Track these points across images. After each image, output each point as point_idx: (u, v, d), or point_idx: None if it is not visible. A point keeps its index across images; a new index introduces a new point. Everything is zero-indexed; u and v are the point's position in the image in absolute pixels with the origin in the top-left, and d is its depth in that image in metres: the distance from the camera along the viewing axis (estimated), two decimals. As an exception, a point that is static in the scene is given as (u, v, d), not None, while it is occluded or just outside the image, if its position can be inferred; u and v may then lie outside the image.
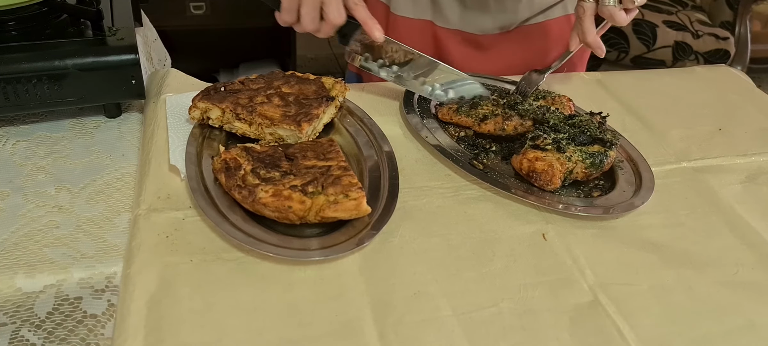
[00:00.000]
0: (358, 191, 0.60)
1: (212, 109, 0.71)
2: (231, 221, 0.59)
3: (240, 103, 0.71)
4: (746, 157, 0.83)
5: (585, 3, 0.80)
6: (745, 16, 2.29)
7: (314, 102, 0.73)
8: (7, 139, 0.73)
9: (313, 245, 0.58)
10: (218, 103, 0.71)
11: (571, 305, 0.57)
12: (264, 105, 0.71)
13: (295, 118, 0.70)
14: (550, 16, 1.03)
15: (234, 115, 0.70)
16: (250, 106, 0.71)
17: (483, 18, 1.01)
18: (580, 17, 0.81)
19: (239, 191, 0.60)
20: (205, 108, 0.71)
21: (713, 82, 1.04)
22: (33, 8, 0.75)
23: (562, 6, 1.03)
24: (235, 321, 0.51)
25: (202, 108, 0.71)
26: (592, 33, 0.81)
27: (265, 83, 0.76)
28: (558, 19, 1.04)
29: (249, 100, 0.72)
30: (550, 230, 0.65)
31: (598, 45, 0.82)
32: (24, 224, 0.60)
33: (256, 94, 0.73)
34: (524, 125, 0.77)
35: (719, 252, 0.65)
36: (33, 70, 0.69)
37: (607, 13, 0.79)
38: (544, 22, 1.03)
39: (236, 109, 0.70)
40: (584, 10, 0.80)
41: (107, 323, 0.58)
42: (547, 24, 1.03)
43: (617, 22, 0.79)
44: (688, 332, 0.55)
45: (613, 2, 0.78)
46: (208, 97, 0.71)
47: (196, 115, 0.71)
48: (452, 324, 0.53)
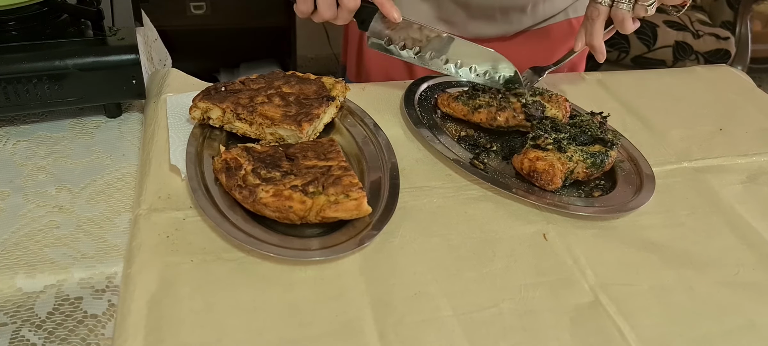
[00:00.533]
0: (358, 191, 0.60)
1: (213, 109, 0.71)
2: (231, 221, 0.59)
3: (240, 103, 0.71)
4: (747, 158, 0.83)
5: (600, 5, 0.79)
6: (746, 16, 2.29)
7: (315, 102, 0.73)
8: (7, 139, 0.73)
9: (314, 245, 0.58)
10: (219, 103, 0.71)
11: (572, 305, 0.57)
12: (264, 105, 0.71)
13: (296, 118, 0.70)
14: (552, 21, 1.04)
15: (234, 115, 0.70)
16: (251, 106, 0.71)
17: (487, 26, 1.02)
18: (593, 19, 0.81)
19: (240, 191, 0.60)
20: (205, 108, 0.71)
21: (714, 82, 1.04)
22: (33, 8, 0.75)
23: (564, 12, 1.04)
24: (236, 321, 0.51)
25: (202, 108, 0.71)
26: (599, 37, 0.81)
27: (265, 83, 0.76)
28: (560, 23, 1.04)
29: (249, 100, 0.72)
30: (550, 230, 0.65)
31: (602, 50, 0.82)
32: (24, 224, 0.60)
33: (256, 94, 0.73)
34: (516, 118, 0.77)
35: (720, 252, 0.65)
36: (33, 70, 0.69)
37: (619, 16, 0.78)
38: (547, 27, 1.04)
39: (237, 109, 0.70)
40: (598, 13, 0.80)
41: (108, 323, 0.58)
42: (549, 28, 1.04)
43: (625, 29, 0.79)
44: (689, 332, 0.55)
45: (627, 7, 0.77)
46: (208, 97, 0.71)
47: (196, 115, 0.71)
48: (452, 324, 0.53)
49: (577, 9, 1.05)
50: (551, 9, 1.03)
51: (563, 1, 1.04)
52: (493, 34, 1.02)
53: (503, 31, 1.02)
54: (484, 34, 1.03)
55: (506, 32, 1.02)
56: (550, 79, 0.97)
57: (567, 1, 1.04)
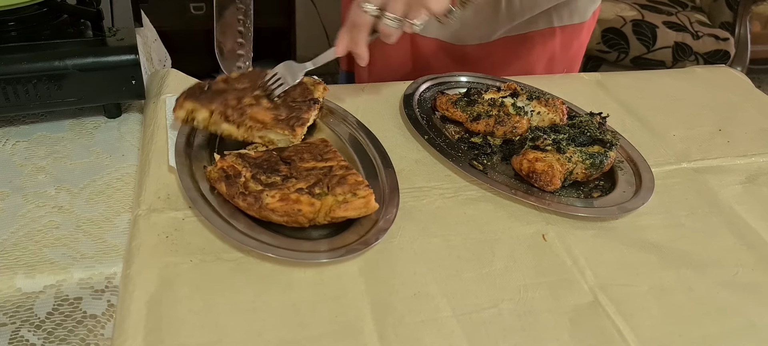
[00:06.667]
0: (365, 189, 0.60)
1: (199, 111, 0.69)
2: (228, 220, 0.58)
3: (229, 105, 0.69)
4: (746, 158, 0.83)
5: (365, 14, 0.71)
6: (745, 16, 2.29)
7: (303, 105, 0.73)
8: (7, 139, 0.73)
9: (321, 247, 0.58)
10: (207, 104, 0.69)
11: (571, 305, 0.57)
12: (253, 107, 0.70)
13: (288, 123, 0.69)
14: (533, 28, 1.01)
15: (222, 116, 0.68)
16: (240, 109, 0.69)
17: (463, 27, 0.99)
18: None
19: (244, 199, 0.59)
20: (191, 109, 0.69)
21: (713, 83, 1.04)
22: (33, 8, 0.75)
23: (547, 18, 1.01)
24: (235, 322, 0.51)
25: (188, 109, 0.69)
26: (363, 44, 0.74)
27: (249, 83, 0.75)
28: (542, 31, 1.02)
29: (237, 101, 0.70)
30: (550, 230, 0.65)
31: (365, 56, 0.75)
32: (24, 225, 0.60)
33: (242, 94, 0.72)
34: (514, 133, 0.77)
35: (719, 253, 0.65)
36: (33, 70, 0.69)
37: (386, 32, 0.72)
38: (528, 33, 1.01)
39: (226, 110, 0.68)
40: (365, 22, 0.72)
41: (107, 323, 0.58)
42: (530, 35, 1.01)
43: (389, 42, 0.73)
44: (688, 332, 0.55)
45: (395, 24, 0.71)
46: (194, 96, 0.69)
47: (181, 115, 0.69)
48: (452, 325, 0.53)
49: (562, 16, 1.02)
50: (529, 6, 0.98)
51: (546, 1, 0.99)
52: (470, 38, 1.00)
53: (480, 32, 0.99)
54: (461, 39, 1.00)
55: (483, 35, 0.99)
56: (548, 81, 0.97)
57: (550, 1, 1.00)
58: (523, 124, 0.77)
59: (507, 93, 0.83)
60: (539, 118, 0.80)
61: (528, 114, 0.79)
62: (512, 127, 0.77)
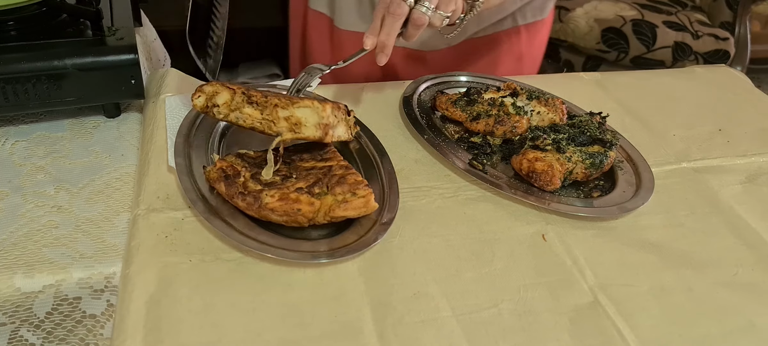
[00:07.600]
0: (365, 189, 0.60)
1: (221, 92, 0.66)
2: (227, 220, 0.58)
3: (252, 89, 0.66)
4: (746, 158, 0.83)
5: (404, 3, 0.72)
6: (745, 16, 2.29)
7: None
8: (6, 139, 0.73)
9: (321, 247, 0.58)
10: (228, 86, 0.66)
11: (571, 305, 0.57)
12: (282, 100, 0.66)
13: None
14: (499, 29, 1.01)
15: (245, 97, 0.65)
16: (265, 94, 0.66)
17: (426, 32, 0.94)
18: None
19: (243, 199, 0.59)
20: (212, 92, 0.66)
21: (713, 83, 1.04)
22: (32, 8, 0.75)
23: (512, 18, 1.01)
24: (235, 321, 0.51)
25: (209, 92, 0.66)
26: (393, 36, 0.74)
27: None
28: (508, 31, 1.01)
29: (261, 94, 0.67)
30: (549, 230, 0.65)
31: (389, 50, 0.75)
32: (23, 224, 0.60)
33: None
34: (514, 132, 0.77)
35: (719, 253, 0.65)
36: (32, 70, 0.69)
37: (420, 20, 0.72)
38: (493, 35, 1.01)
39: (249, 90, 0.65)
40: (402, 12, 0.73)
41: (106, 323, 0.58)
42: (496, 36, 1.01)
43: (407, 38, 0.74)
44: (688, 332, 0.55)
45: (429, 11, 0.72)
46: (214, 83, 0.67)
47: (200, 102, 0.67)
48: (452, 325, 0.53)
49: (526, 15, 1.01)
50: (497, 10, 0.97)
51: (511, 4, 0.99)
52: (435, 43, 0.99)
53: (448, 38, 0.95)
54: (425, 44, 0.99)
55: (449, 39, 0.96)
56: (548, 81, 0.97)
57: (515, 4, 0.99)
58: (523, 124, 0.77)
59: (507, 93, 0.83)
60: (539, 118, 0.80)
61: (528, 114, 0.79)
62: (512, 126, 0.77)
